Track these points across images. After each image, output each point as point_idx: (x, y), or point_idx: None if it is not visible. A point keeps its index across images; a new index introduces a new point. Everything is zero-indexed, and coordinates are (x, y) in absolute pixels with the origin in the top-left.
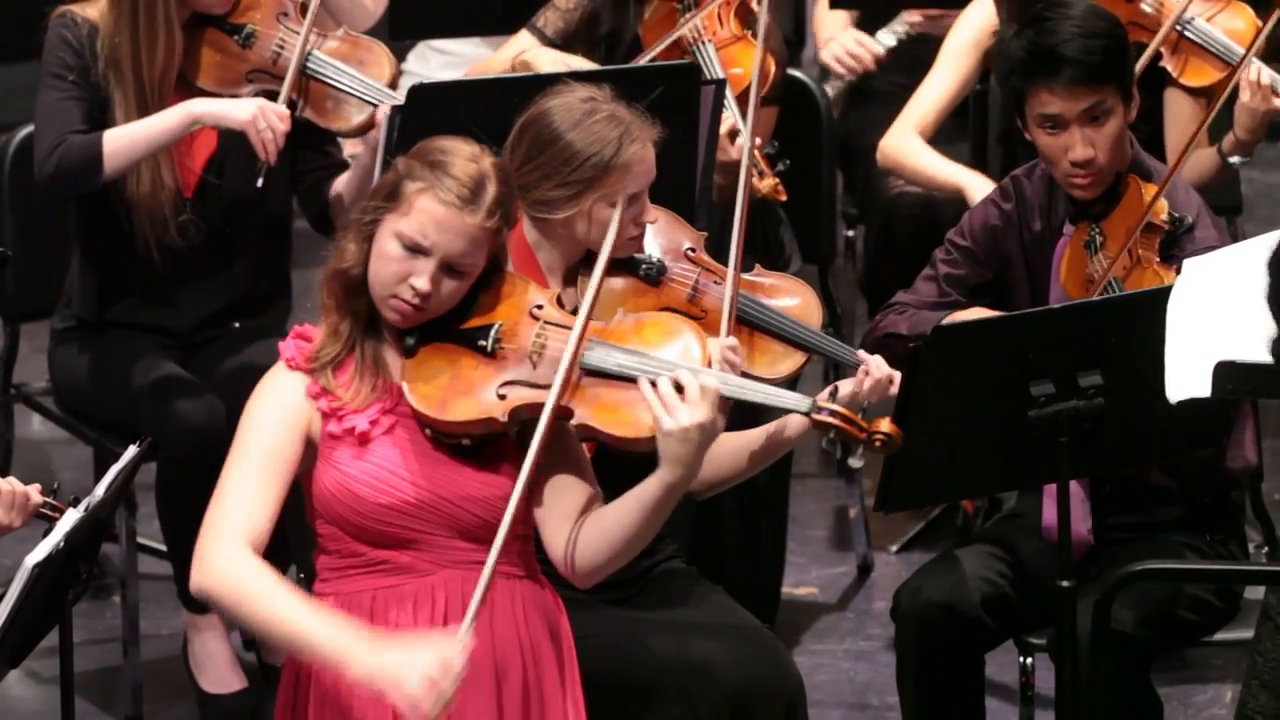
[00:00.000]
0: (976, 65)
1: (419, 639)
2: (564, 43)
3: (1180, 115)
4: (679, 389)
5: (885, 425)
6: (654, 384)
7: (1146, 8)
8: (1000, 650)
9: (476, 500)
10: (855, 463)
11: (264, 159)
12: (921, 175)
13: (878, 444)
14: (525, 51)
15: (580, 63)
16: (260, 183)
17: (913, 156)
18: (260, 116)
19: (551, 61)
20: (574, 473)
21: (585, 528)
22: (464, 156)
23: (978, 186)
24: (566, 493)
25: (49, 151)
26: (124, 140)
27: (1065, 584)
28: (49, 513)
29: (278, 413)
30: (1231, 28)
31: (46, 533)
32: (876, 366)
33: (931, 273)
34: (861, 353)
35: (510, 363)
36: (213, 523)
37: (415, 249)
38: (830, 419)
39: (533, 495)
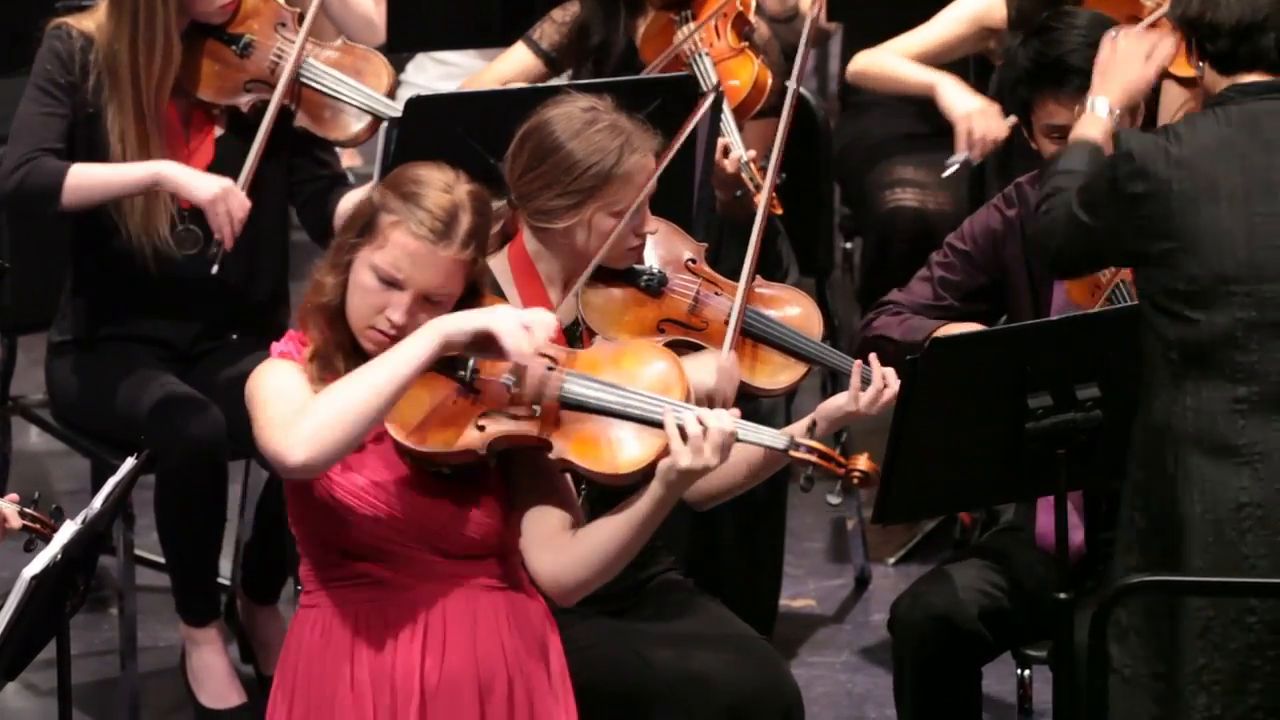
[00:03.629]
0: (970, 38)
1: None
2: (558, 56)
3: (1173, 106)
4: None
5: (863, 463)
6: (680, 425)
7: (1146, 1)
8: (998, 662)
9: (457, 518)
10: (834, 499)
11: (219, 241)
12: (891, 81)
13: (855, 480)
14: None
15: None
16: (215, 269)
17: (882, 65)
18: (221, 199)
19: None
20: (553, 496)
21: (569, 546)
22: (437, 187)
23: (948, 85)
24: (547, 516)
25: (15, 166)
26: (87, 180)
27: (1063, 596)
28: (33, 525)
29: (294, 376)
30: None
31: (29, 545)
32: (873, 374)
33: (927, 274)
34: (858, 363)
35: (489, 392)
36: (272, 430)
37: (390, 282)
38: (808, 455)
39: (512, 520)
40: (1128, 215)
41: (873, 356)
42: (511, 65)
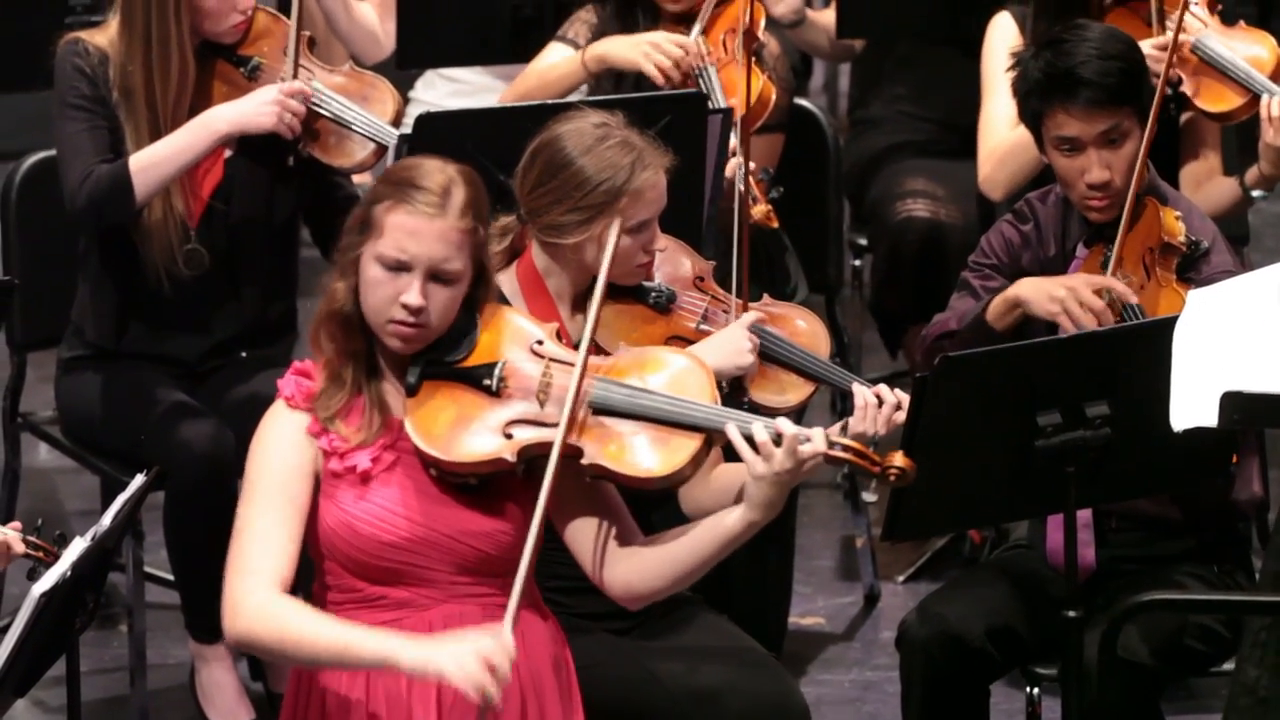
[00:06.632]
0: None
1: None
2: None
3: (1196, 137)
4: (776, 438)
5: (899, 459)
6: (747, 433)
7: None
8: (1007, 680)
9: (479, 535)
10: (869, 496)
11: (291, 139)
12: (1033, 148)
13: (892, 478)
14: (595, 45)
15: None
16: (293, 160)
17: (1009, 148)
18: (279, 116)
19: (628, 44)
20: (604, 507)
21: (643, 554)
22: (429, 168)
23: None
24: (605, 528)
25: (78, 185)
26: (151, 163)
27: (1072, 614)
28: (35, 554)
29: (284, 455)
30: (1252, 55)
31: (32, 572)
32: (875, 397)
33: (964, 292)
34: (857, 386)
35: (516, 401)
36: (238, 570)
37: (398, 266)
38: (843, 454)
39: (568, 531)
40: None
41: (883, 388)
42: (552, 63)
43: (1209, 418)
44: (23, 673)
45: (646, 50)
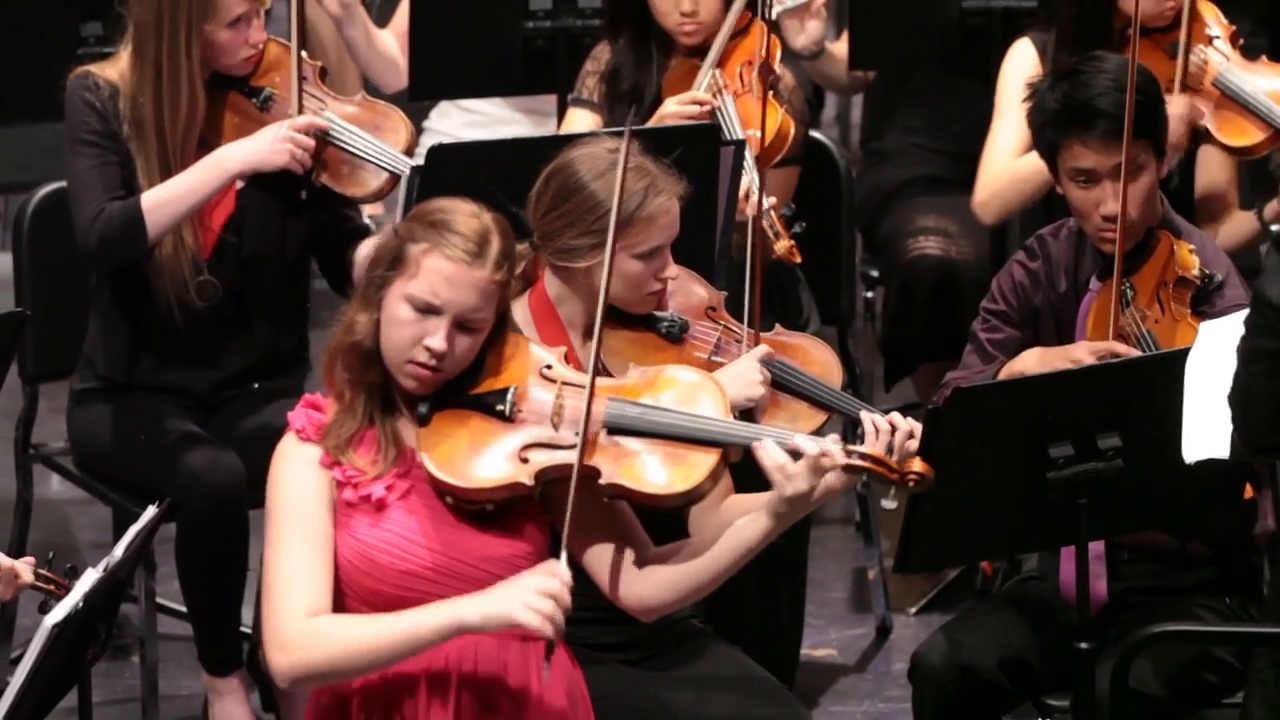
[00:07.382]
0: None
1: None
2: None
3: (1211, 171)
4: (795, 455)
5: (917, 465)
6: (772, 456)
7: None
8: (1019, 711)
9: (498, 560)
10: (889, 504)
11: (302, 174)
12: (1029, 183)
13: (911, 483)
14: None
15: None
16: (306, 194)
17: (1008, 179)
18: (289, 154)
19: None
20: (619, 523)
21: (658, 569)
22: (465, 213)
23: None
24: (621, 543)
25: (89, 223)
26: (163, 201)
27: (1084, 646)
28: (44, 586)
29: (300, 489)
30: (1274, 89)
31: (43, 605)
32: (888, 425)
33: (973, 346)
34: (865, 413)
35: (529, 425)
36: (273, 612)
37: (427, 309)
38: (861, 462)
39: (584, 552)
40: None
41: (896, 415)
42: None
43: (1221, 449)
44: (35, 704)
45: None
